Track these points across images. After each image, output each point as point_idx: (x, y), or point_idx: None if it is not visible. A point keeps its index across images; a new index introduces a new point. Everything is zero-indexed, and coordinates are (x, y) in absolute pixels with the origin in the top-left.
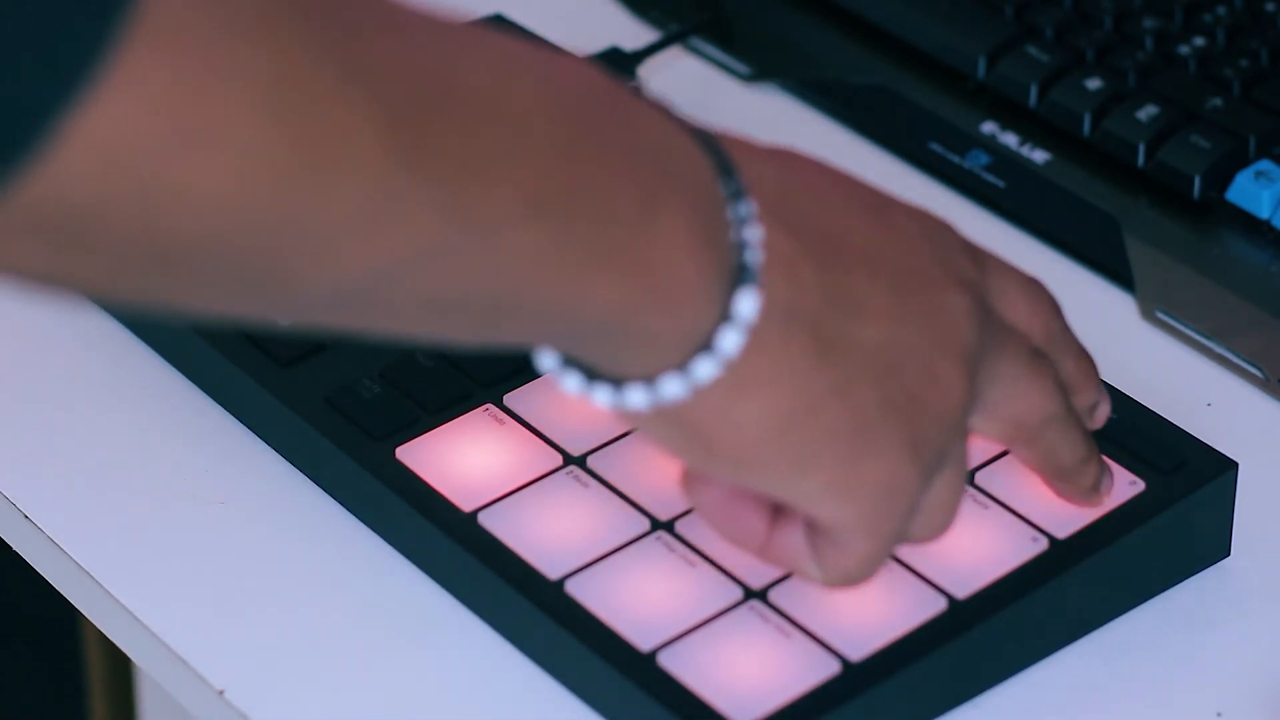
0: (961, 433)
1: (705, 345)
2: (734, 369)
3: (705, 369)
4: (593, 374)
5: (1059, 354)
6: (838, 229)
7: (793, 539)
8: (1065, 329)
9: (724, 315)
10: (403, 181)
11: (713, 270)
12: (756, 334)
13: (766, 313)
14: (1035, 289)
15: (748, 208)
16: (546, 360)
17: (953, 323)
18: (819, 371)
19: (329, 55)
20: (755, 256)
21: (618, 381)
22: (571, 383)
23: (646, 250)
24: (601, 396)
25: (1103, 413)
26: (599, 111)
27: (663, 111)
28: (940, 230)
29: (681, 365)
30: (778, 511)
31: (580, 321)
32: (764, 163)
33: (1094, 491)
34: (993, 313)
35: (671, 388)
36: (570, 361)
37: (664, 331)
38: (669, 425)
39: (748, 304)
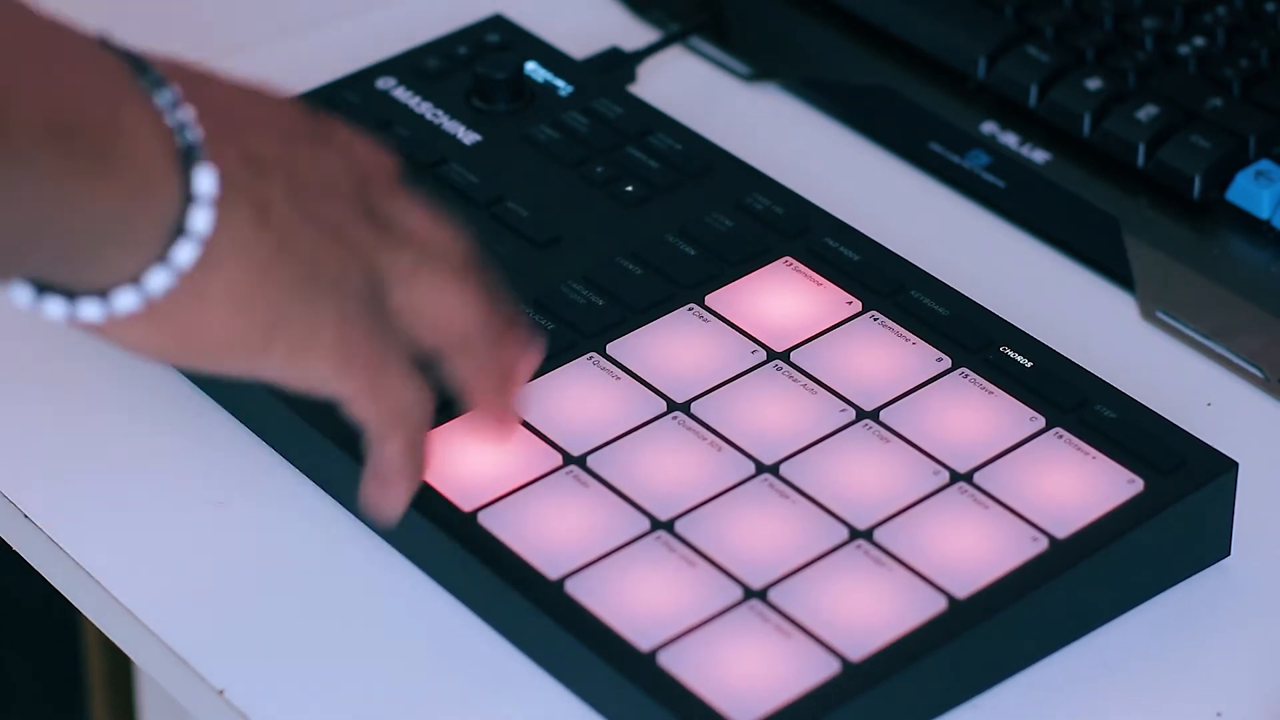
0: (388, 245)
1: (179, 230)
2: (206, 247)
3: (185, 253)
4: (72, 294)
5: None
6: (227, 103)
7: (370, 450)
8: (490, 313)
9: (188, 198)
10: None
11: (171, 153)
12: (216, 209)
13: (219, 187)
14: (372, 147)
15: (172, 92)
16: (20, 294)
17: (336, 167)
18: (263, 234)
19: None
20: (195, 134)
21: (102, 292)
22: (54, 308)
23: (124, 150)
24: (90, 310)
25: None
26: (36, 31)
27: (66, 25)
28: (297, 103)
29: (163, 255)
30: None
31: (84, 235)
32: (150, 54)
33: (504, 419)
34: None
35: (157, 279)
36: (45, 288)
37: (147, 223)
38: (146, 326)
39: (206, 180)
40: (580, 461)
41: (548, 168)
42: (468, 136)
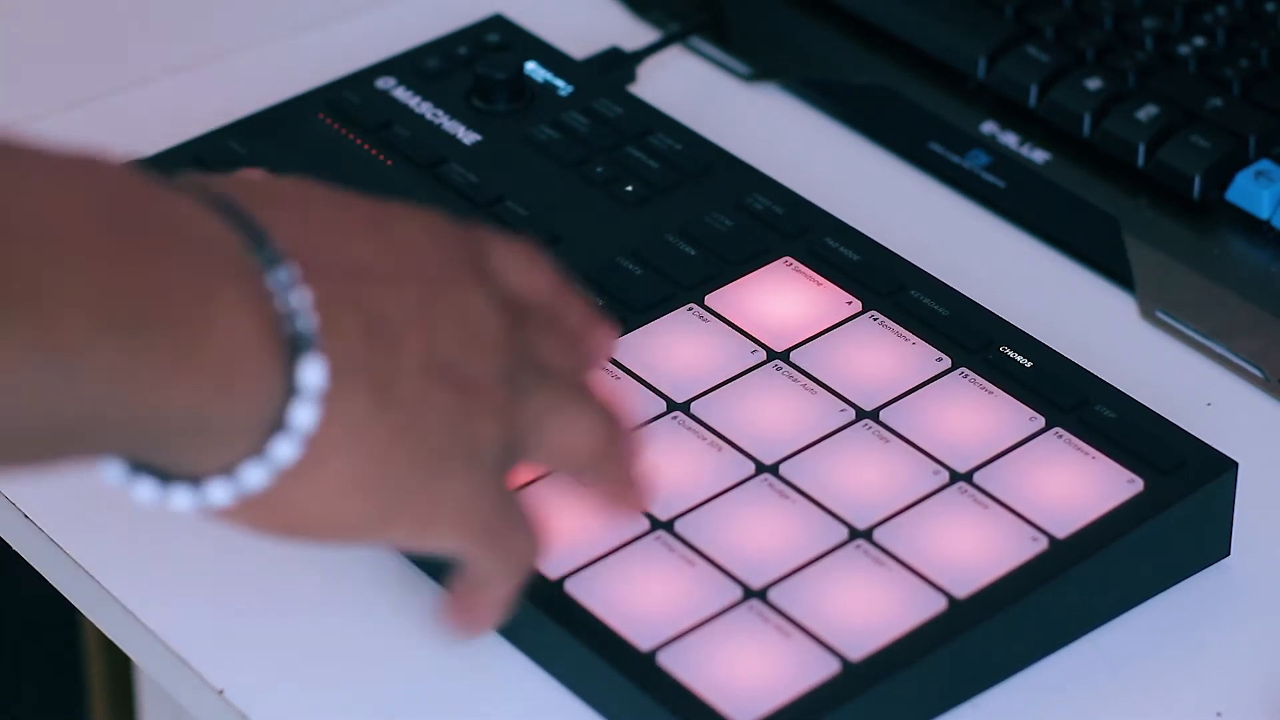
0: (527, 387)
1: (279, 424)
2: (313, 443)
3: (285, 450)
4: (166, 476)
5: (565, 307)
6: (355, 261)
7: (468, 575)
8: (563, 283)
9: (291, 389)
10: None
11: (272, 345)
12: (325, 401)
13: (331, 378)
14: (531, 253)
15: (289, 273)
16: (111, 472)
17: (481, 314)
18: (381, 419)
19: None
20: (308, 323)
21: (195, 479)
22: (146, 491)
23: (213, 345)
24: (181, 499)
25: (603, 347)
26: (129, 207)
27: (180, 188)
28: (437, 229)
29: (260, 450)
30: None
31: (160, 428)
32: (275, 207)
33: (643, 501)
34: (511, 297)
35: (253, 476)
36: (139, 467)
37: (238, 418)
38: (257, 511)
39: (313, 374)
40: None
41: (548, 168)
42: (468, 136)
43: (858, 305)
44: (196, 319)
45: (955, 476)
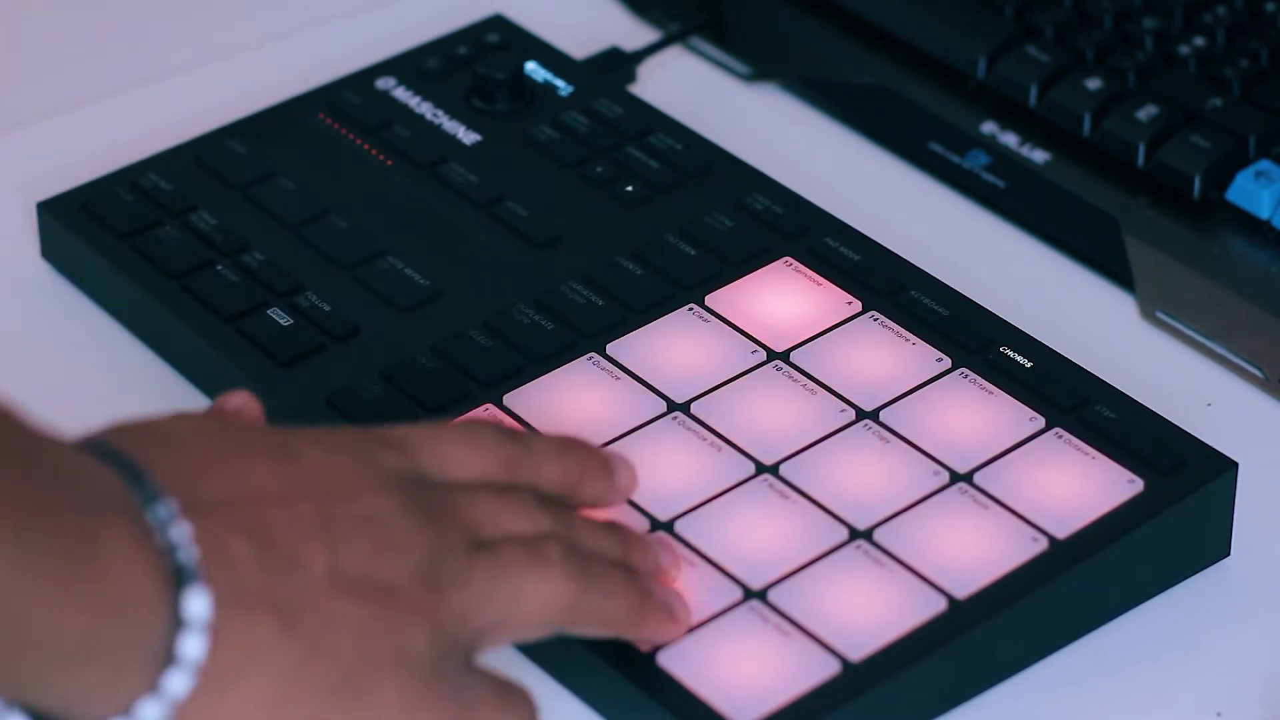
0: (457, 574)
1: (170, 658)
2: (206, 673)
3: (178, 683)
4: None
5: (530, 472)
6: (250, 489)
7: None
8: (521, 445)
9: (178, 622)
10: None
11: (158, 578)
12: (216, 631)
13: (217, 605)
14: (469, 430)
15: (167, 508)
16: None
17: (388, 516)
18: (287, 640)
19: None
20: (189, 555)
21: None
22: None
23: (102, 571)
24: None
25: (623, 484)
26: (17, 444)
27: (55, 435)
28: (346, 445)
29: (153, 685)
30: None
31: (56, 653)
32: (160, 447)
33: (671, 621)
34: (441, 485)
35: (150, 712)
36: (20, 707)
37: (130, 647)
38: None
39: (198, 604)
40: None
41: (548, 168)
42: (468, 136)
43: (858, 305)
44: (85, 544)
45: (955, 477)
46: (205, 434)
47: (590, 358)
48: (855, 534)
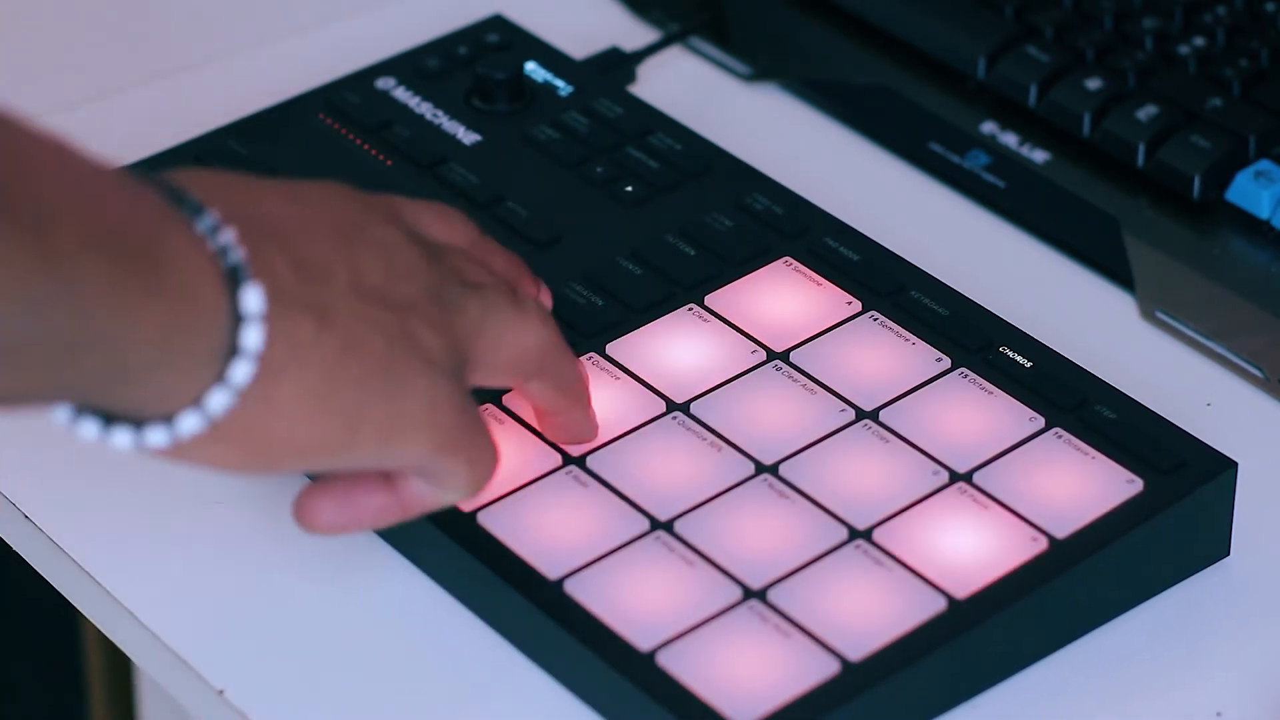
0: (456, 300)
1: (233, 349)
2: (264, 361)
3: (241, 371)
4: (135, 421)
5: (486, 255)
6: (274, 214)
7: (415, 487)
8: (479, 233)
9: (237, 317)
10: None
11: (217, 279)
12: (267, 324)
13: (267, 302)
14: (440, 207)
15: (211, 217)
16: (87, 427)
17: (396, 244)
18: (325, 336)
19: None
20: (238, 255)
21: (166, 418)
22: (122, 436)
23: (174, 275)
24: (156, 436)
25: (546, 299)
26: (68, 160)
27: (103, 163)
28: (344, 191)
29: (219, 376)
30: (386, 476)
31: (134, 355)
32: (190, 178)
33: (594, 429)
34: (427, 239)
35: (218, 400)
36: (111, 418)
37: (198, 346)
38: (219, 443)
39: (253, 298)
40: (580, 462)
41: (548, 168)
42: (468, 136)
43: (858, 305)
44: (154, 248)
45: (955, 476)
46: (215, 172)
47: (590, 358)
48: (855, 534)
